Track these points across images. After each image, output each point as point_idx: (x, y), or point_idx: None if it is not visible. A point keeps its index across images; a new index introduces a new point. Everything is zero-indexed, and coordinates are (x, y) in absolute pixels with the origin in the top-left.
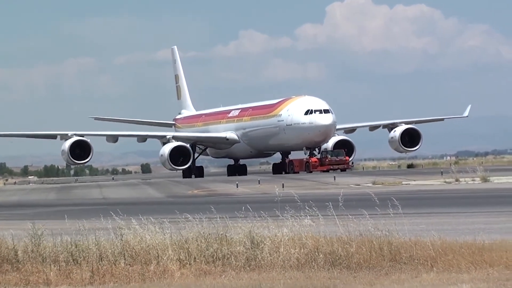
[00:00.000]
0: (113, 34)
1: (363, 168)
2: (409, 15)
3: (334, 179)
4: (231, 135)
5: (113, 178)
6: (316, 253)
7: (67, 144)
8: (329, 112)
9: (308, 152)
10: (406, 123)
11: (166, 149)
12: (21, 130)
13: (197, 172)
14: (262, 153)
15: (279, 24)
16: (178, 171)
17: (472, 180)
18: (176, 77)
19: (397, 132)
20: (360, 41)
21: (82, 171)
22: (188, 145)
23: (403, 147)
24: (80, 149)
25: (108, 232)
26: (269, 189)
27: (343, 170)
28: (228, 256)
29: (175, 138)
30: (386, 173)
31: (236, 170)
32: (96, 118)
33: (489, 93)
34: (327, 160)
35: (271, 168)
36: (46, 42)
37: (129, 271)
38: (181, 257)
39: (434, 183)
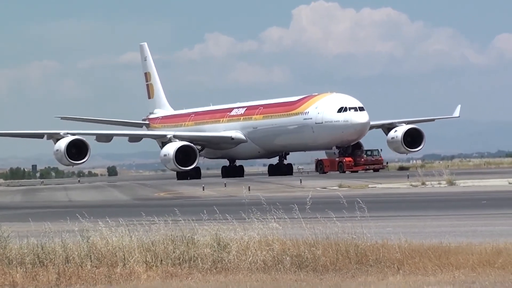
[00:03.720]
0: (75, 38)
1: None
2: (376, 19)
3: (300, 182)
4: (237, 134)
5: (79, 181)
6: (283, 256)
7: (63, 143)
8: (364, 110)
9: (338, 151)
10: (399, 123)
11: (171, 148)
12: None
13: (194, 173)
14: (271, 153)
15: (245, 27)
16: (183, 171)
17: (438, 184)
18: (147, 75)
19: (399, 132)
20: (326, 44)
21: (48, 174)
22: (193, 145)
23: (405, 147)
24: (76, 149)
25: (75, 234)
26: (235, 192)
27: (376, 170)
28: (195, 258)
29: (177, 137)
30: (353, 176)
31: (232, 171)
32: (62, 118)
33: (454, 96)
34: (362, 159)
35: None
36: (8, 45)
37: (95, 273)
38: (147, 259)
39: (400, 186)
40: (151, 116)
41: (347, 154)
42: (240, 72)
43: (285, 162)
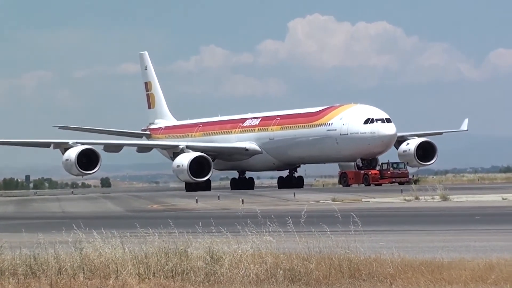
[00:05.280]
0: (71, 47)
1: (323, 185)
2: (371, 33)
3: (294, 195)
4: (251, 145)
5: (72, 192)
6: (276, 269)
7: (74, 152)
8: (391, 121)
9: (362, 163)
10: (410, 136)
11: (185, 159)
12: None
13: (205, 185)
14: (287, 165)
15: (241, 40)
16: (195, 183)
17: (432, 198)
18: (148, 85)
19: (412, 145)
20: (321, 57)
21: (41, 184)
22: (208, 157)
23: (418, 160)
24: (86, 159)
25: (68, 245)
26: (228, 204)
27: (401, 183)
28: (188, 271)
29: (189, 148)
30: (346, 190)
31: (242, 183)
32: (60, 127)
33: (448, 110)
34: (389, 172)
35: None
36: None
37: (88, 285)
38: (140, 271)
39: (394, 200)
40: (153, 126)
41: (371, 166)
42: (235, 84)
43: (296, 174)
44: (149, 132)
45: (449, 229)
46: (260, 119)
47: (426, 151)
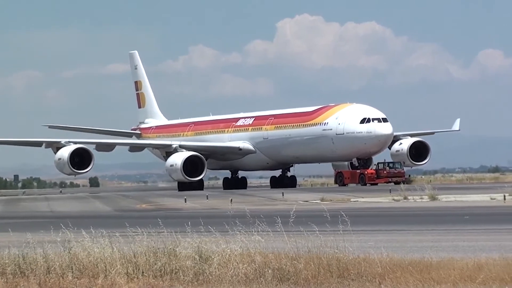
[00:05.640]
0: (60, 48)
1: (311, 185)
2: (360, 33)
3: (283, 195)
4: (245, 144)
5: (61, 191)
6: (265, 269)
7: (67, 152)
8: (387, 121)
9: (358, 163)
10: (403, 136)
11: (179, 158)
12: None
13: (197, 184)
14: (281, 164)
15: (229, 40)
16: (189, 182)
17: (421, 198)
18: (138, 84)
19: (405, 145)
20: (310, 57)
21: (30, 184)
22: (202, 156)
23: (411, 160)
24: (79, 158)
25: (56, 245)
26: (217, 204)
27: (397, 183)
28: (176, 270)
29: (182, 147)
30: (334, 190)
31: (234, 183)
32: (50, 126)
33: (437, 110)
34: (385, 171)
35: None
36: None
37: (76, 284)
38: (129, 271)
39: (382, 200)
40: (143, 125)
41: (366, 166)
42: (224, 84)
43: (288, 174)
44: (139, 132)
45: (438, 229)
46: (254, 118)
47: (419, 151)
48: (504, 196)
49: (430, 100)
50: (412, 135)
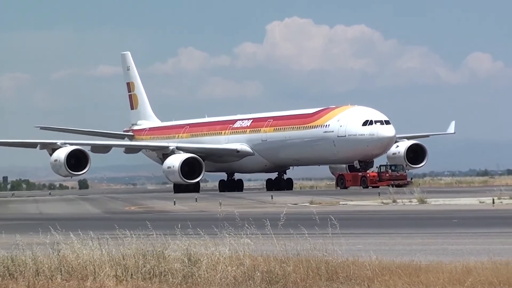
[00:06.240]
0: (49, 49)
1: (300, 187)
2: (349, 36)
3: (272, 198)
4: (243, 146)
5: (50, 193)
6: (253, 272)
7: (63, 153)
8: (390, 123)
9: (359, 165)
10: (399, 138)
11: (176, 160)
12: None
13: (193, 186)
14: (279, 167)
15: (219, 42)
16: (186, 184)
17: (409, 202)
18: (130, 85)
19: (402, 147)
20: (299, 60)
21: (19, 186)
22: (199, 158)
23: (408, 163)
24: (75, 159)
25: (45, 247)
26: (206, 207)
27: (399, 186)
28: (165, 273)
29: (180, 149)
30: (324, 193)
31: (231, 185)
32: (42, 128)
33: (427, 113)
34: (387, 174)
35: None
36: None
37: (65, 286)
38: (118, 273)
39: (371, 203)
40: (136, 127)
41: (367, 169)
42: (214, 87)
43: (285, 177)
44: (132, 133)
45: (427, 232)
46: (252, 120)
47: (416, 154)
48: (493, 199)
49: (420, 103)
50: (408, 138)
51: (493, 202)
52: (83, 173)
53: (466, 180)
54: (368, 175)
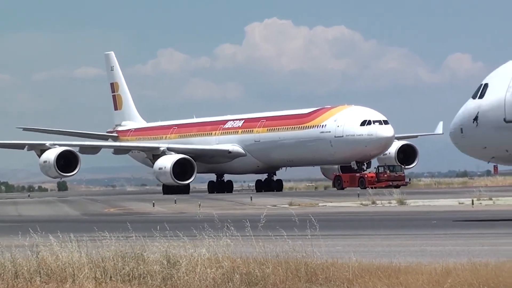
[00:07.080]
0: (30, 51)
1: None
2: (329, 37)
3: (251, 199)
4: (234, 147)
5: (29, 196)
6: (233, 274)
7: (53, 154)
8: (388, 123)
9: (357, 166)
10: None
11: (168, 161)
12: None
13: (183, 188)
14: (272, 167)
15: (198, 43)
16: (178, 186)
17: (389, 203)
18: (114, 86)
19: (392, 148)
20: (279, 61)
21: None
22: (191, 159)
23: (399, 164)
24: (65, 160)
25: (24, 249)
26: (185, 208)
27: (397, 187)
28: (145, 275)
29: (170, 149)
30: (303, 194)
31: (220, 186)
32: (24, 129)
33: (405, 115)
34: (385, 175)
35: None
36: None
37: None
38: (97, 275)
39: (351, 205)
40: (120, 128)
41: (364, 169)
42: (194, 88)
43: (275, 178)
44: (116, 134)
45: (406, 233)
46: (243, 121)
47: (406, 154)
48: (472, 200)
49: (402, 104)
50: (398, 138)
51: (473, 203)
52: (73, 174)
53: (446, 181)
54: (366, 176)
